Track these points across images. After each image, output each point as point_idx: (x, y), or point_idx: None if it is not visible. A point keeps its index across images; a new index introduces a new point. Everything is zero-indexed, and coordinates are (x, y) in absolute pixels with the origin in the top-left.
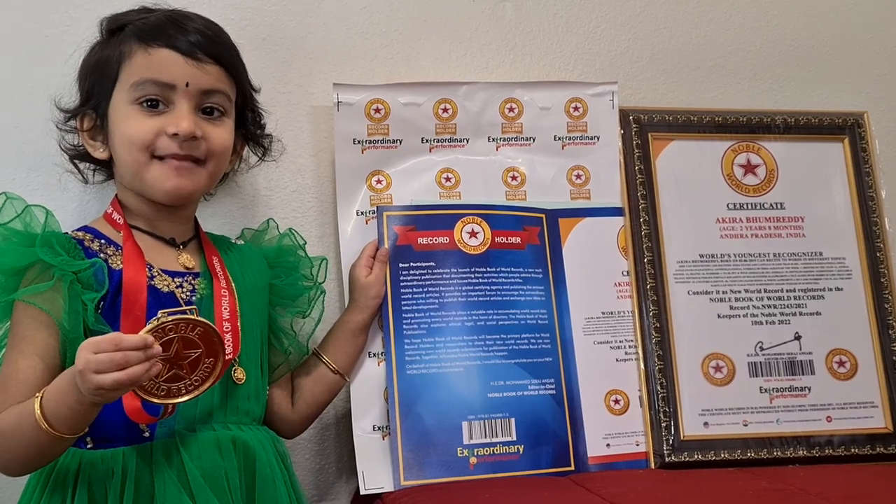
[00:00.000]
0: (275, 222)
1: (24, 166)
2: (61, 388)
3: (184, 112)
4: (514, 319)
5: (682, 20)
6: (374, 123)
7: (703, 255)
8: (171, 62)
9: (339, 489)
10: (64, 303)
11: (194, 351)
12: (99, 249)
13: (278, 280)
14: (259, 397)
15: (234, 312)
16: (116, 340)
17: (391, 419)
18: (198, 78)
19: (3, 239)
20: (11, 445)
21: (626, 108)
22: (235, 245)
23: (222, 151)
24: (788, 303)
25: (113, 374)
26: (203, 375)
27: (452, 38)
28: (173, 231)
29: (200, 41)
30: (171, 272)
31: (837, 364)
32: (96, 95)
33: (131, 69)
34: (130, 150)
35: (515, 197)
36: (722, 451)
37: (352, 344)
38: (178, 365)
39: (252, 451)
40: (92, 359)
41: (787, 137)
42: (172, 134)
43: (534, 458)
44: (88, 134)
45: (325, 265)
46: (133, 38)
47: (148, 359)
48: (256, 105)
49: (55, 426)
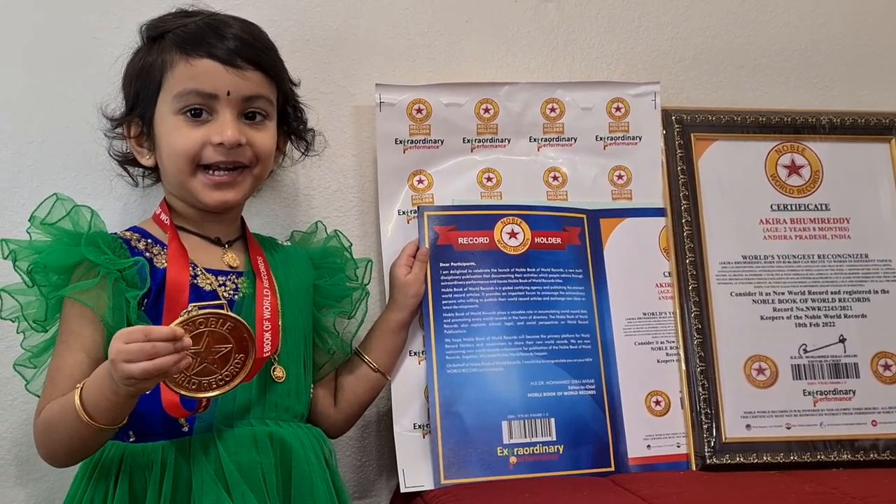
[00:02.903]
0: (323, 225)
1: (72, 168)
2: (99, 380)
3: (227, 120)
4: (555, 320)
5: (725, 19)
6: (416, 123)
7: (746, 257)
8: (212, 72)
9: (380, 487)
10: (108, 299)
11: (224, 346)
12: (144, 249)
13: (322, 281)
14: (301, 395)
15: (275, 311)
16: (147, 331)
17: (431, 418)
18: (238, 85)
19: (54, 238)
20: (57, 437)
21: (668, 108)
22: (281, 246)
23: (267, 155)
24: (833, 305)
25: (142, 364)
26: (233, 371)
27: (494, 38)
28: (219, 231)
29: (239, 47)
30: (214, 271)
31: (883, 367)
32: (141, 104)
33: (174, 80)
34: (176, 161)
35: (557, 197)
36: (764, 454)
37: (391, 342)
38: (208, 360)
39: (289, 446)
40: (123, 348)
41: (833, 138)
42: (218, 143)
43: (573, 458)
44: (136, 141)
45: (370, 267)
46: (174, 47)
47: (177, 351)
48: (297, 100)
49: (94, 417)
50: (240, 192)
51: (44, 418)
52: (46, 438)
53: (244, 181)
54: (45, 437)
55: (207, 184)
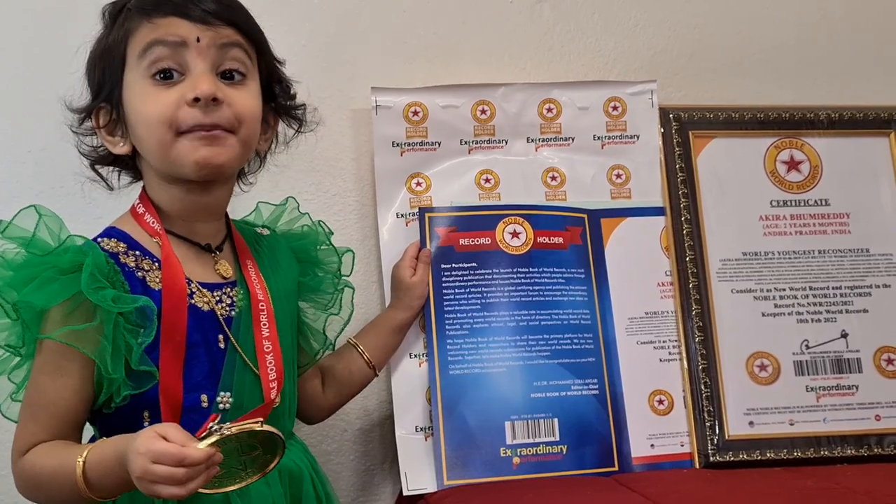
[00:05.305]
0: (295, 201)
1: (69, 177)
2: (107, 464)
3: (200, 72)
4: (557, 320)
5: (720, 16)
6: (413, 126)
7: (747, 254)
8: (178, 23)
9: (384, 490)
10: (107, 344)
11: (252, 452)
12: (135, 266)
13: (308, 278)
14: (292, 411)
15: (272, 327)
16: (180, 457)
17: (434, 419)
18: (209, 34)
19: (30, 255)
20: (46, 491)
21: (665, 106)
22: (262, 237)
23: (251, 116)
24: (834, 300)
25: (172, 489)
26: (257, 468)
27: (490, 40)
28: (209, 231)
29: (213, 7)
30: (209, 285)
31: (886, 362)
32: (107, 85)
33: (136, 42)
34: (152, 129)
35: (555, 197)
36: (768, 451)
37: (391, 341)
38: (235, 467)
39: (296, 476)
40: (151, 470)
41: (831, 133)
42: (193, 100)
43: (577, 458)
44: (106, 130)
45: (353, 258)
46: (136, 12)
47: (207, 468)
48: (284, 76)
49: (96, 492)
50: (228, 152)
51: (32, 472)
52: (34, 491)
53: (230, 143)
54: (33, 489)
55: (191, 143)
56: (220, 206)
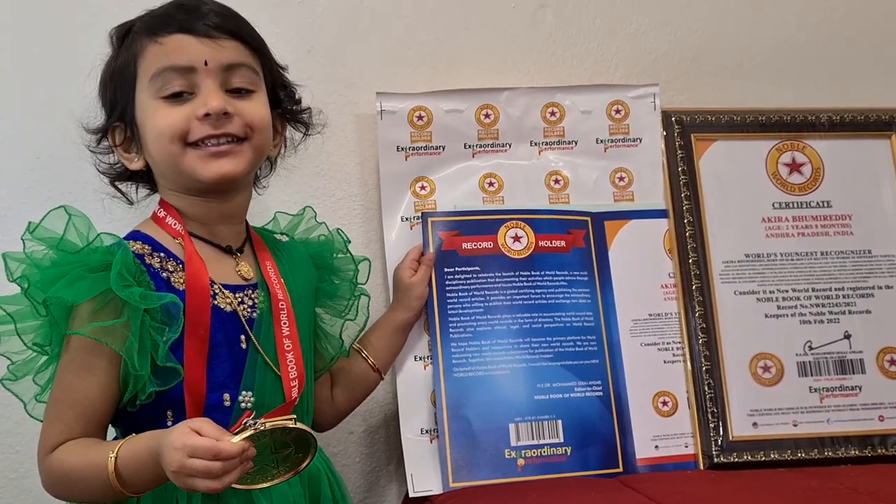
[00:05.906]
0: (312, 210)
1: (80, 182)
2: (140, 459)
3: (210, 90)
4: (560, 322)
5: (722, 19)
6: (417, 130)
7: (749, 255)
8: (185, 44)
9: (389, 492)
10: (134, 341)
11: (284, 451)
12: (160, 267)
13: (325, 283)
14: (310, 410)
15: (293, 327)
16: (215, 451)
17: (439, 422)
18: (216, 54)
19: (59, 256)
20: (76, 488)
21: (668, 110)
22: (281, 243)
23: (261, 125)
24: (837, 301)
25: (207, 482)
26: (289, 466)
27: (493, 45)
28: (230, 234)
29: (215, 21)
30: (231, 287)
31: (889, 363)
32: (120, 104)
33: (146, 64)
34: (163, 142)
35: (559, 200)
36: (771, 452)
37: (394, 342)
38: (267, 464)
39: (315, 477)
40: (187, 464)
41: (833, 135)
42: (204, 115)
43: (581, 459)
44: (122, 148)
45: (370, 267)
46: (143, 33)
47: (241, 462)
48: (287, 81)
49: (129, 488)
50: (239, 162)
51: (61, 469)
52: (63, 488)
53: (242, 151)
54: (61, 486)
55: (201, 156)
56: (241, 211)
